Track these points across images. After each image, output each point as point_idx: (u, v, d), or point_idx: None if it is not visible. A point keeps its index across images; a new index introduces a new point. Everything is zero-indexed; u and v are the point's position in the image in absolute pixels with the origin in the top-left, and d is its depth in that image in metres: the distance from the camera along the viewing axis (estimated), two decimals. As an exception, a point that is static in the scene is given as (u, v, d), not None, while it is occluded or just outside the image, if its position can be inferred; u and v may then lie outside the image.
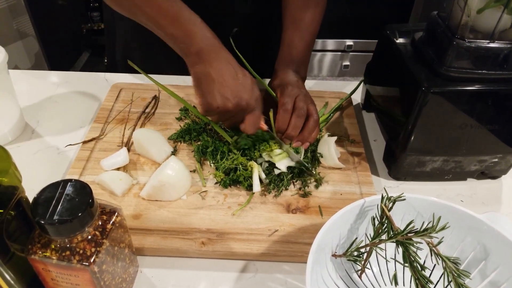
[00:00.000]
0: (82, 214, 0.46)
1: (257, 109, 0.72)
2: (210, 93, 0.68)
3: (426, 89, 0.65)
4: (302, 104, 0.75)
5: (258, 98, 0.72)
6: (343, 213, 0.55)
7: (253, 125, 0.73)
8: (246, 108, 0.70)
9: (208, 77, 0.68)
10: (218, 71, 0.68)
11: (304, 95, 0.77)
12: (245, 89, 0.69)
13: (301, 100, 0.75)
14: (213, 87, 0.68)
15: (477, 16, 0.62)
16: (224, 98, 0.68)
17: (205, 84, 0.69)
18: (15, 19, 2.25)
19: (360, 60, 2.57)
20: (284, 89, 0.77)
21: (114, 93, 0.94)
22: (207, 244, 0.64)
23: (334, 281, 0.57)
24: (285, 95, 0.76)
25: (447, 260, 0.48)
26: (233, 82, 0.68)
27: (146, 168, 0.77)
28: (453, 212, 0.56)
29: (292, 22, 0.85)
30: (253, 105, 0.70)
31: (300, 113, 0.74)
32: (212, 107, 0.69)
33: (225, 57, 0.70)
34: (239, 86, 0.69)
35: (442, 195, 0.77)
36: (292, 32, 0.85)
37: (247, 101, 0.69)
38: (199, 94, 0.70)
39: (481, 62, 0.65)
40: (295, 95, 0.76)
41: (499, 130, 0.70)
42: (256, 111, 0.72)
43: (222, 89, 0.68)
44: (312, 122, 0.75)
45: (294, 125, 0.74)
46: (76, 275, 0.49)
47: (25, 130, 0.87)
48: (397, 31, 0.79)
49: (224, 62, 0.69)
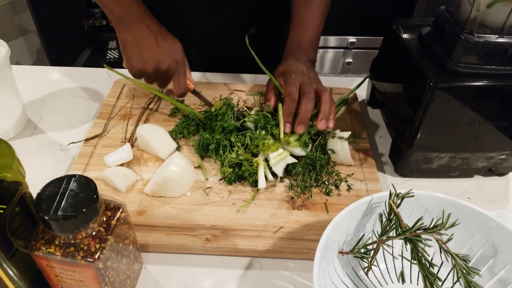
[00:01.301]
0: (86, 209, 0.45)
1: (180, 71, 0.78)
2: (132, 58, 0.76)
3: (434, 84, 0.64)
4: (308, 88, 0.76)
5: (179, 60, 0.77)
6: (351, 210, 0.54)
7: (179, 86, 0.79)
8: (167, 70, 0.76)
9: (130, 44, 0.76)
10: (137, 37, 0.75)
11: (309, 78, 0.78)
12: (163, 53, 0.75)
13: (306, 84, 0.76)
14: (134, 53, 0.75)
15: (486, 10, 0.61)
16: (143, 63, 0.75)
17: (127, 50, 0.76)
18: (17, 16, 2.25)
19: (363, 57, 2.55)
20: (287, 78, 0.78)
21: (117, 89, 0.94)
22: (212, 241, 0.64)
23: (341, 278, 0.56)
24: (289, 84, 0.77)
25: (456, 257, 0.48)
26: (151, 47, 0.75)
27: (150, 164, 0.76)
28: (461, 209, 0.55)
29: (300, 7, 0.86)
30: (173, 67, 0.77)
31: (309, 97, 0.74)
32: (135, 70, 0.77)
33: (146, 24, 0.76)
34: (158, 51, 0.75)
35: (448, 192, 0.77)
36: (301, 16, 0.86)
37: (167, 64, 0.76)
38: (124, 59, 0.78)
39: (490, 57, 0.64)
40: (299, 82, 0.77)
41: (507, 126, 0.69)
42: (180, 73, 0.78)
43: (141, 54, 0.75)
44: (326, 97, 0.75)
45: (305, 108, 0.74)
46: (81, 271, 0.48)
47: (28, 126, 0.86)
48: (404, 26, 0.78)
49: (143, 29, 0.75)
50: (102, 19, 2.90)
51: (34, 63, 2.42)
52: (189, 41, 0.85)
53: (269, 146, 0.73)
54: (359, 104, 0.94)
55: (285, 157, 0.73)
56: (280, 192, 0.72)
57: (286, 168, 0.74)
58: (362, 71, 2.57)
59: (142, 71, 0.76)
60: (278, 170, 0.73)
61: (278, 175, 0.73)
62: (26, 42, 2.35)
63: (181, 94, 0.81)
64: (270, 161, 0.72)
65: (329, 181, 0.73)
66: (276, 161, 0.72)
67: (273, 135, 0.76)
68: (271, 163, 0.72)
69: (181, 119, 0.84)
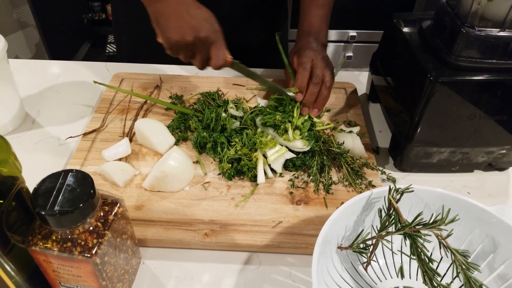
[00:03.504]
0: (83, 205, 0.45)
1: (219, 41, 0.73)
2: (168, 29, 0.71)
3: (434, 78, 0.64)
4: (319, 71, 0.80)
5: (217, 30, 0.73)
6: (350, 205, 0.53)
7: (219, 57, 0.74)
8: (205, 40, 0.72)
9: (164, 14, 0.71)
10: (172, 6, 0.70)
11: (321, 58, 0.82)
12: (202, 21, 0.71)
13: (317, 66, 0.80)
14: (170, 23, 0.71)
15: (487, 4, 0.60)
16: (182, 32, 0.70)
17: (162, 21, 0.72)
18: (16, 9, 2.23)
19: (364, 51, 2.54)
20: (301, 53, 0.82)
21: (115, 83, 0.93)
22: (210, 236, 0.64)
23: (340, 273, 0.56)
24: (303, 56, 0.81)
25: (456, 252, 0.48)
26: (188, 16, 0.70)
27: (148, 158, 0.76)
28: (461, 204, 0.55)
29: None
30: (212, 37, 0.72)
31: (317, 81, 0.80)
32: (172, 41, 0.71)
33: None
34: (196, 19, 0.71)
35: (448, 186, 0.76)
36: (310, 3, 0.88)
37: (206, 32, 0.71)
38: (159, 32, 0.73)
39: (491, 51, 0.63)
40: (312, 57, 0.81)
41: (508, 121, 0.68)
42: (218, 43, 0.73)
43: (179, 23, 0.70)
44: (324, 89, 0.81)
45: (310, 92, 0.80)
46: (78, 266, 0.48)
47: (26, 120, 0.86)
48: (404, 20, 0.77)
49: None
50: (101, 12, 2.88)
51: (33, 57, 2.41)
52: None
53: (267, 143, 0.72)
54: (359, 98, 0.93)
55: (283, 154, 0.73)
56: (279, 187, 0.72)
57: (284, 164, 0.74)
58: (363, 65, 2.55)
59: (180, 40, 0.71)
60: (277, 167, 0.73)
61: (277, 171, 0.73)
62: (25, 36, 2.34)
63: (220, 66, 0.76)
64: (268, 158, 0.72)
65: (355, 176, 0.73)
66: (275, 158, 0.72)
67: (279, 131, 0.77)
68: (269, 160, 0.72)
69: (178, 114, 0.84)
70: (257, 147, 0.73)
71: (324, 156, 0.75)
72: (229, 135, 0.77)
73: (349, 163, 0.74)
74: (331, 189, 0.71)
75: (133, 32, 1.05)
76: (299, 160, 0.74)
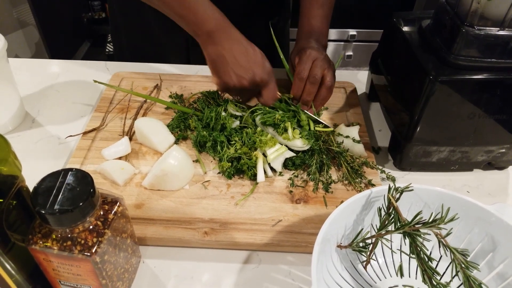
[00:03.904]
0: (83, 203, 0.45)
1: (271, 82, 0.76)
2: (225, 74, 0.72)
3: (434, 77, 0.64)
4: (317, 71, 0.78)
5: (270, 71, 0.75)
6: (350, 204, 0.54)
7: (271, 98, 0.77)
8: (260, 83, 0.73)
9: (222, 58, 0.72)
10: (230, 51, 0.71)
11: (323, 59, 0.80)
12: (257, 65, 0.73)
13: (317, 66, 0.78)
14: (227, 67, 0.72)
15: (487, 3, 0.60)
16: (239, 77, 0.72)
17: (220, 65, 0.72)
18: (15, 8, 2.23)
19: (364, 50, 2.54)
20: (302, 54, 0.80)
21: (115, 82, 0.93)
22: (210, 234, 0.64)
23: (339, 272, 0.56)
24: (302, 61, 0.79)
25: (455, 251, 0.48)
26: (245, 59, 0.72)
27: (148, 157, 0.76)
28: (461, 203, 0.55)
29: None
30: (266, 78, 0.74)
31: (314, 80, 0.78)
32: (229, 86, 0.73)
33: (235, 35, 0.73)
34: (251, 63, 0.72)
35: (448, 185, 0.76)
36: (310, 3, 0.87)
37: (260, 76, 0.73)
38: (215, 75, 0.74)
39: (490, 50, 0.63)
40: (313, 59, 0.79)
41: (507, 120, 0.68)
42: (271, 84, 0.75)
43: (236, 69, 0.71)
44: (324, 90, 0.79)
45: (307, 91, 0.79)
46: (78, 265, 0.48)
47: (26, 119, 0.86)
48: (404, 19, 0.77)
49: (235, 41, 0.72)
50: (101, 11, 2.88)
51: (33, 56, 2.41)
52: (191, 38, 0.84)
53: (266, 142, 0.72)
54: (359, 97, 0.93)
55: (283, 152, 0.73)
56: (279, 185, 0.72)
57: (284, 162, 0.74)
58: (363, 64, 2.55)
59: (237, 85, 0.72)
60: (277, 166, 0.73)
61: (277, 170, 0.73)
62: (25, 35, 2.34)
63: (269, 105, 0.79)
64: (268, 157, 0.72)
65: (355, 175, 0.73)
66: (274, 157, 0.72)
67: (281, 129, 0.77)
68: (269, 159, 0.72)
69: (178, 113, 0.84)
70: (257, 146, 0.73)
71: (324, 155, 0.75)
72: (229, 134, 0.77)
73: (349, 162, 0.74)
74: (330, 188, 0.71)
75: (132, 32, 1.05)
76: (298, 159, 0.74)
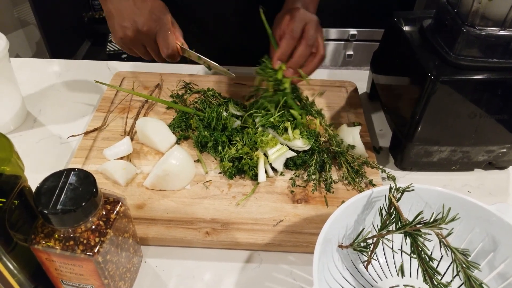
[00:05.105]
0: (86, 203, 0.45)
1: (162, 30, 0.73)
2: (113, 27, 0.74)
3: (435, 77, 0.64)
4: (313, 32, 0.70)
5: (157, 17, 0.72)
6: (351, 204, 0.54)
7: (164, 46, 0.73)
8: (148, 31, 0.72)
9: (109, 14, 0.74)
10: (117, 5, 0.73)
11: (317, 22, 0.72)
12: (140, 14, 0.71)
13: (312, 28, 0.70)
14: (114, 22, 0.73)
15: (488, 3, 0.60)
16: (122, 28, 0.72)
17: (109, 21, 0.75)
18: (16, 7, 2.23)
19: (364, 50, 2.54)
20: (295, 13, 0.72)
21: (116, 81, 0.93)
22: (212, 234, 0.64)
23: (340, 272, 0.56)
24: (296, 20, 0.70)
25: (456, 251, 0.48)
26: (129, 11, 0.72)
27: (149, 157, 0.76)
28: (462, 203, 0.55)
29: None
30: (153, 26, 0.72)
31: (311, 42, 0.70)
32: (117, 40, 0.75)
33: None
34: (134, 13, 0.71)
35: (448, 185, 0.77)
36: None
37: (143, 23, 0.71)
38: (111, 31, 0.76)
39: (492, 50, 0.63)
40: (307, 21, 0.71)
41: (508, 120, 0.68)
42: (161, 31, 0.73)
43: (120, 21, 0.72)
44: (318, 58, 0.73)
45: (301, 53, 0.70)
46: (80, 265, 0.48)
47: (27, 119, 0.86)
48: (405, 19, 0.77)
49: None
50: (102, 11, 2.88)
51: (34, 56, 2.41)
52: (190, 35, 0.85)
53: (267, 142, 0.72)
54: (360, 97, 0.93)
55: (284, 152, 0.73)
56: (280, 185, 0.72)
57: (285, 162, 0.74)
58: (363, 64, 2.55)
59: (123, 37, 0.73)
60: (278, 166, 0.73)
61: (278, 170, 0.73)
62: (26, 34, 2.34)
63: (170, 55, 0.74)
64: (269, 157, 0.72)
65: (355, 175, 0.73)
66: (276, 157, 0.72)
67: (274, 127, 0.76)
68: (270, 159, 0.72)
69: (179, 113, 0.84)
70: (258, 146, 0.73)
71: (325, 154, 0.75)
72: (230, 134, 0.77)
73: (349, 162, 0.75)
74: (332, 187, 0.71)
75: None
76: (299, 159, 0.75)
